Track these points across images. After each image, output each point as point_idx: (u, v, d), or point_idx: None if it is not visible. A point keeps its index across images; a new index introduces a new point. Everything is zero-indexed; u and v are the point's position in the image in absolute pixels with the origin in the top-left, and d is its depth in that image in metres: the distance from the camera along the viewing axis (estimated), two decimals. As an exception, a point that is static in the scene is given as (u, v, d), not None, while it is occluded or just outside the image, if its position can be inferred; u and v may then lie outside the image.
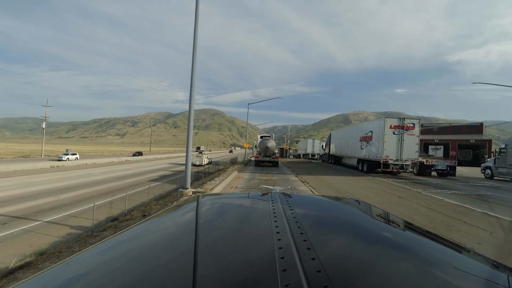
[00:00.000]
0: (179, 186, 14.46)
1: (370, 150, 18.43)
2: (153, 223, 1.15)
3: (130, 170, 29.70)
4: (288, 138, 70.43)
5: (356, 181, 14.27)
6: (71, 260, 0.80)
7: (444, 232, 5.30)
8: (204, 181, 16.12)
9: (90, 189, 18.06)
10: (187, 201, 1.44)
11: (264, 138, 24.80)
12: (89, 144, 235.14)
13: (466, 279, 0.73)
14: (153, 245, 0.87)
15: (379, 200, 8.82)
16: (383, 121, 16.66)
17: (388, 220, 1.29)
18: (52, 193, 16.33)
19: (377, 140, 17.38)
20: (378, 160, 17.10)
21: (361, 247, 0.85)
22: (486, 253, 0.93)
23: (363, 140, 19.84)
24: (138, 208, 11.69)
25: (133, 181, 22.34)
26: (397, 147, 16.55)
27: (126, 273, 0.69)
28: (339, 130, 28.81)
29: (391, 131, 16.60)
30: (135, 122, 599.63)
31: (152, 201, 13.11)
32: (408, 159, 16.54)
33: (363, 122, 21.78)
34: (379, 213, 1.38)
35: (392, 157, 16.51)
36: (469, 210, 7.45)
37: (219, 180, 12.92)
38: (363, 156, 19.67)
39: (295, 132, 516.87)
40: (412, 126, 16.64)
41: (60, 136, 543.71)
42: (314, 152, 44.06)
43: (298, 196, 1.51)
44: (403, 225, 1.18)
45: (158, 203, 11.59)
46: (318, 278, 0.56)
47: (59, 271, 0.75)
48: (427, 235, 1.13)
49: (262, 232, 0.90)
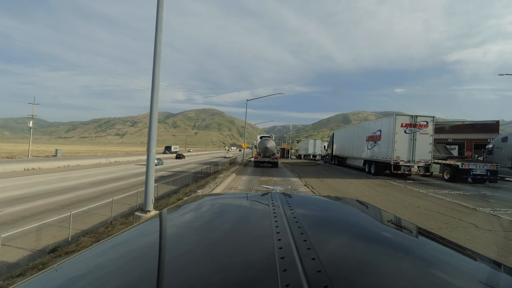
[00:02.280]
0: (138, 207, 11.58)
1: (379, 150, 17.04)
2: (153, 223, 1.14)
3: (114, 174, 26.46)
4: (291, 137, 68.60)
5: (379, 190, 11.44)
6: (70, 262, 0.80)
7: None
8: (178, 196, 13.20)
9: (51, 199, 14.40)
10: (187, 201, 1.45)
11: (264, 139, 24.44)
12: (88, 144, 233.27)
13: (466, 279, 0.72)
14: (153, 246, 0.87)
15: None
16: (394, 119, 15.27)
17: (388, 220, 1.28)
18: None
19: (387, 139, 16.00)
20: (387, 161, 15.73)
21: (361, 247, 0.85)
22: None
23: (370, 139, 18.47)
24: (95, 230, 8.98)
25: (111, 187, 18.86)
26: (409, 147, 15.16)
27: (125, 273, 0.68)
28: (343, 129, 27.41)
29: (402, 129, 15.21)
30: (135, 122, 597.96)
31: (119, 218, 10.34)
32: (420, 160, 15.14)
33: (370, 120, 20.36)
34: (379, 213, 1.36)
35: (404, 158, 15.12)
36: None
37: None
38: (370, 157, 18.29)
39: (295, 132, 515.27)
40: (425, 124, 15.24)
41: (59, 136, 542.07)
42: (315, 152, 43.00)
43: (298, 196, 1.53)
44: (403, 225, 1.19)
45: (127, 220, 9.33)
46: (318, 278, 0.56)
47: (59, 271, 0.75)
48: (427, 235, 1.10)
49: (262, 232, 0.90)
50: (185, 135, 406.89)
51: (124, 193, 13.79)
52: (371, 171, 18.00)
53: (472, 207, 8.21)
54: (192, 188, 15.28)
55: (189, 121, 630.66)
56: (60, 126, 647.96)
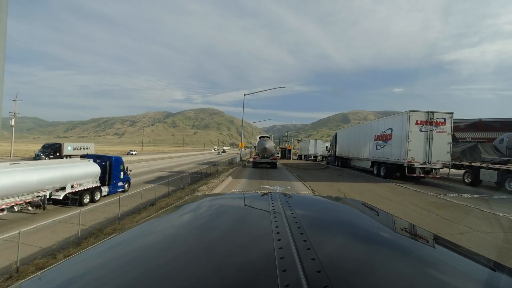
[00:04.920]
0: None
1: (389, 151, 15.47)
2: (153, 223, 1.14)
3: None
4: (292, 137, 66.73)
5: (415, 203, 8.77)
6: (70, 260, 0.81)
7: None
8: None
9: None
10: (186, 201, 1.45)
11: (263, 139, 23.82)
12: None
13: (466, 279, 0.72)
14: (153, 246, 0.87)
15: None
16: (408, 115, 13.69)
17: (388, 220, 1.28)
18: None
19: (399, 138, 14.43)
20: (400, 163, 14.17)
21: (361, 247, 0.84)
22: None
23: (379, 139, 16.90)
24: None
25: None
26: (424, 147, 13.58)
27: (125, 273, 0.68)
28: (348, 128, 25.81)
29: (417, 127, 13.63)
30: (134, 122, 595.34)
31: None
32: (438, 162, 13.55)
33: (378, 118, 18.79)
34: (379, 213, 1.36)
35: (419, 159, 13.55)
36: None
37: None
38: (379, 158, 16.72)
39: (294, 131, 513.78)
40: (442, 122, 13.66)
41: (58, 135, 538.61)
42: (316, 153, 41.43)
43: (298, 196, 1.55)
44: (403, 225, 1.19)
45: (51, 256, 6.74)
46: (318, 278, 0.56)
47: (59, 271, 0.76)
48: (427, 235, 1.09)
49: (262, 232, 0.89)
50: (183, 134, 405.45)
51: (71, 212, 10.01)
52: (381, 173, 16.46)
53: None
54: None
55: (188, 120, 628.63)
56: (59, 126, 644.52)
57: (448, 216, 7.29)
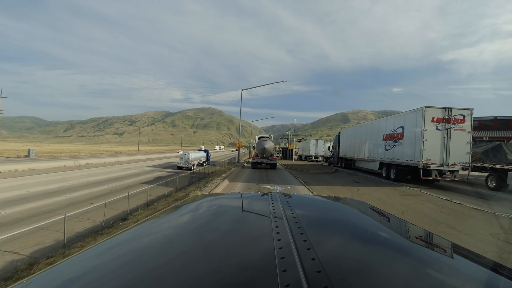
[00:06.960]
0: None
1: (401, 151, 14.15)
2: (153, 223, 1.13)
3: (68, 181, 16.62)
4: (294, 136, 65.18)
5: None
6: (70, 261, 0.81)
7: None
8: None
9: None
10: (186, 201, 1.43)
11: (262, 139, 23.21)
12: (86, 143, 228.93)
13: (466, 279, 0.72)
14: (153, 246, 0.86)
15: None
16: (423, 112, 12.37)
17: (388, 220, 1.27)
18: None
19: (413, 138, 13.11)
20: (414, 164, 12.84)
21: (361, 247, 0.84)
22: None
23: (388, 138, 15.58)
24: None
25: (29, 208, 10.27)
26: (441, 147, 12.27)
27: (124, 273, 0.68)
28: (352, 127, 24.46)
29: (434, 125, 12.32)
30: (133, 121, 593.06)
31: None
32: (456, 163, 12.24)
33: (388, 116, 17.43)
34: (379, 213, 1.34)
35: (435, 160, 12.23)
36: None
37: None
38: (389, 159, 15.40)
39: (294, 131, 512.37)
40: (461, 119, 12.34)
41: (57, 135, 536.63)
42: (318, 153, 40.11)
43: (298, 197, 1.52)
44: (403, 225, 1.18)
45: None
46: (318, 278, 0.57)
47: (58, 271, 0.75)
48: (426, 235, 1.08)
49: (262, 232, 0.89)
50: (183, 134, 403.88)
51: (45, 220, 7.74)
52: (390, 176, 15.13)
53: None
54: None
55: (188, 120, 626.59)
56: (58, 125, 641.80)
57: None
